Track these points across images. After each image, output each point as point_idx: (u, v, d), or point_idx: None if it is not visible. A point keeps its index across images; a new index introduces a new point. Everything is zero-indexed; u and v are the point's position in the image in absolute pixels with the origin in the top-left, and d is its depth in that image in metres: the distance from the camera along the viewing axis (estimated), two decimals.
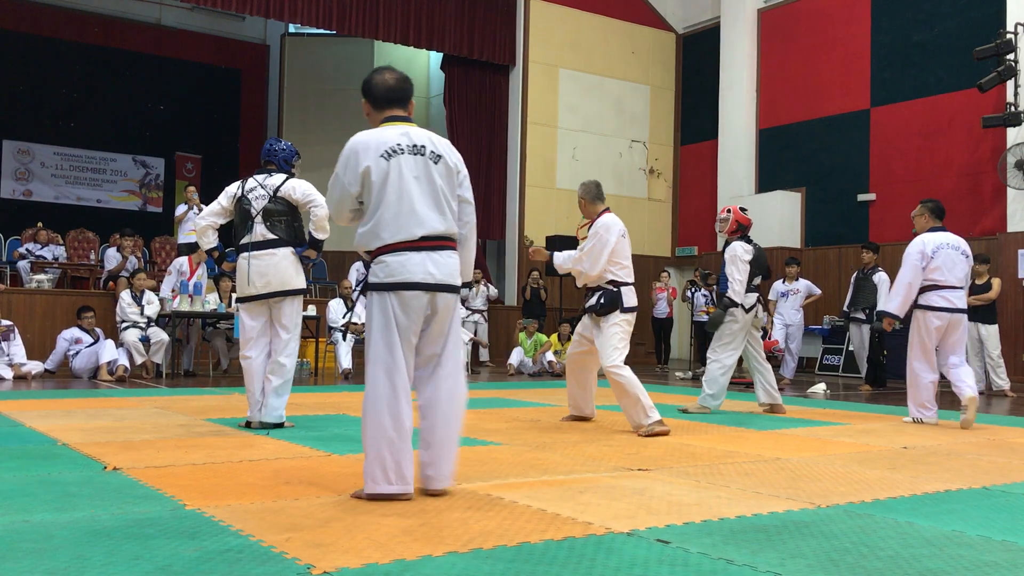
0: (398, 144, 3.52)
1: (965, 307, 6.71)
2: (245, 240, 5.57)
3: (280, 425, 5.56)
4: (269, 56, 19.57)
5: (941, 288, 6.59)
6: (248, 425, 5.57)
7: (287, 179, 5.66)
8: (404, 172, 3.48)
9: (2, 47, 16.61)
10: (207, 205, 5.92)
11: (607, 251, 5.89)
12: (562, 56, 16.35)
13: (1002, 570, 2.64)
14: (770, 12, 16.09)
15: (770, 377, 7.26)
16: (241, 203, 5.62)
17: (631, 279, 6.11)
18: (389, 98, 3.68)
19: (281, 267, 5.53)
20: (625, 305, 6.01)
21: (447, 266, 3.52)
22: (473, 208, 3.74)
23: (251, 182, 5.66)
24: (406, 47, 15.99)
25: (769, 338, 11.46)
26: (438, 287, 3.49)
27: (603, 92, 16.81)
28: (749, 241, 7.12)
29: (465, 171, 3.69)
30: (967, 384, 6.45)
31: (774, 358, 11.62)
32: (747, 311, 7.01)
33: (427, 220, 3.47)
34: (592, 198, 6.12)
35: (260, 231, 5.54)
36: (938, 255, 6.66)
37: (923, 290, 6.61)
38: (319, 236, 5.77)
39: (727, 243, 7.18)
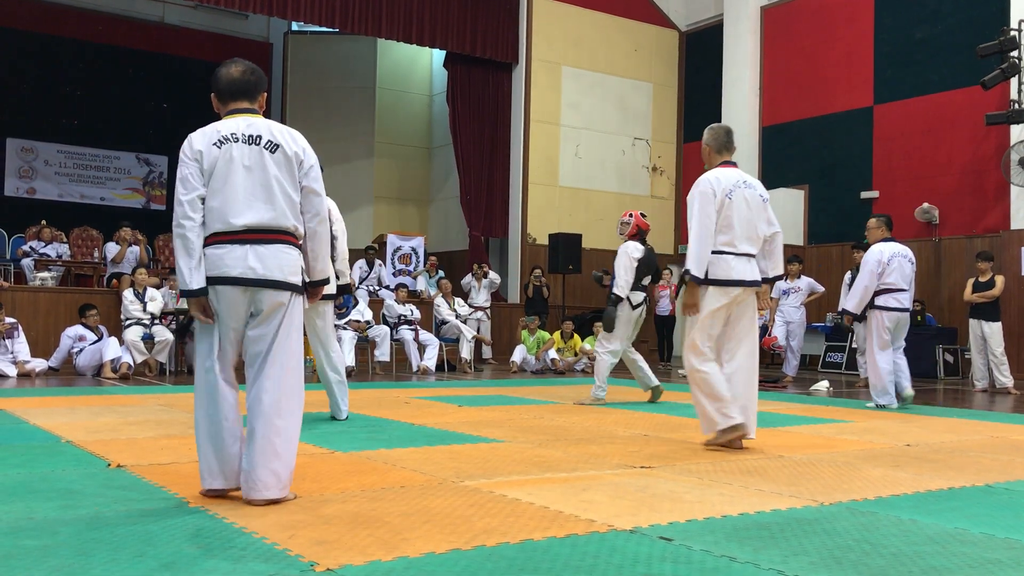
0: (232, 133, 3.36)
1: (910, 307, 7.91)
2: None
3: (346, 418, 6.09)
4: (272, 54, 19.56)
5: (893, 291, 7.71)
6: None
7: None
8: (234, 160, 3.32)
9: (5, 45, 16.62)
10: None
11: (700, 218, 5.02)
12: (565, 54, 16.34)
13: (1005, 568, 2.64)
14: (773, 9, 16.07)
15: (642, 363, 7.88)
16: None
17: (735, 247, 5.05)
18: (233, 91, 3.48)
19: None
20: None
21: (275, 260, 3.31)
22: (322, 200, 3.47)
23: None
24: (409, 45, 15.99)
25: (769, 334, 11.47)
26: (260, 283, 3.28)
27: (606, 90, 16.80)
28: (644, 243, 7.64)
29: (312, 161, 3.45)
30: (909, 381, 7.83)
31: (775, 355, 11.62)
32: (634, 307, 7.55)
33: (251, 210, 3.29)
34: (718, 147, 5.29)
35: None
36: (892, 262, 7.72)
37: (878, 293, 7.71)
38: (342, 282, 6.12)
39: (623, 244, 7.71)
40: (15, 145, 17.10)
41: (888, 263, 7.70)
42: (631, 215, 7.75)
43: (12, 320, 9.91)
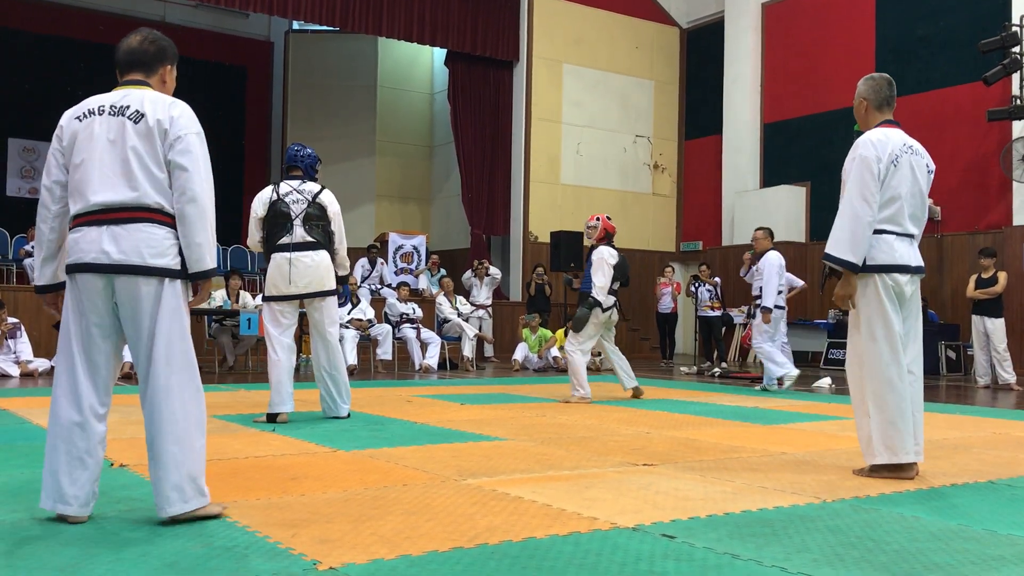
0: (100, 105, 3.01)
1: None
2: (285, 240, 5.78)
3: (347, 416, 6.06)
4: (273, 53, 19.58)
5: (781, 293, 9.10)
6: (270, 419, 5.69)
7: (323, 189, 5.95)
8: (95, 133, 2.96)
9: (6, 45, 16.64)
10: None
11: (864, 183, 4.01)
12: (566, 51, 16.33)
13: (1008, 564, 2.64)
14: (774, 6, 16.05)
15: (624, 363, 8.05)
16: (278, 206, 5.82)
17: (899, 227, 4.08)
18: (129, 61, 3.12)
19: (322, 268, 5.81)
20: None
21: (133, 240, 2.88)
22: (192, 176, 2.94)
23: (285, 187, 5.89)
24: (410, 43, 15.99)
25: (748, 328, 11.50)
26: (115, 268, 2.88)
27: (607, 87, 16.79)
28: (613, 247, 7.81)
29: (182, 132, 2.96)
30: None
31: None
32: (604, 311, 7.66)
33: (108, 188, 2.91)
34: (879, 101, 4.38)
35: (300, 233, 5.78)
36: (783, 268, 9.12)
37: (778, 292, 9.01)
38: (342, 273, 6.09)
39: (593, 248, 7.81)
40: (17, 145, 17.11)
41: (781, 267, 9.06)
42: (598, 219, 7.90)
43: (15, 320, 9.92)
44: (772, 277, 8.84)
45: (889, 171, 4.00)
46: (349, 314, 11.34)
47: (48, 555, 2.55)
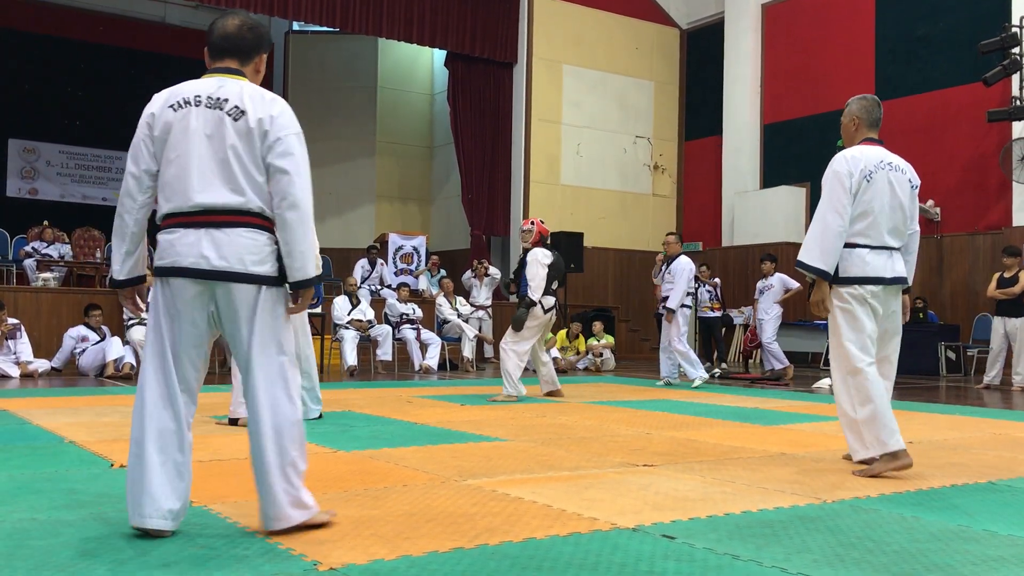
0: (196, 95, 2.83)
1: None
2: None
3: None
4: (273, 54, 19.59)
5: (689, 295, 9.99)
6: (233, 422, 5.61)
7: None
8: (191, 127, 2.79)
9: (7, 46, 16.64)
10: None
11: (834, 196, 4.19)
12: (566, 52, 16.33)
13: (1008, 565, 2.64)
14: (774, 7, 16.06)
15: (548, 368, 8.27)
16: None
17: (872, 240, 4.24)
18: (224, 47, 2.94)
19: None
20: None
21: (235, 246, 2.75)
22: (294, 180, 2.79)
23: None
24: (410, 44, 15.98)
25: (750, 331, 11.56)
26: (216, 275, 2.74)
27: (607, 88, 16.79)
28: (550, 249, 7.98)
29: (283, 134, 2.80)
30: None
31: (760, 347, 11.58)
32: (545, 311, 7.82)
33: (208, 188, 2.76)
34: (869, 121, 4.55)
35: None
36: (693, 272, 9.88)
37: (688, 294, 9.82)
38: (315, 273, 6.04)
39: (526, 251, 7.98)
40: (17, 146, 17.11)
41: (692, 272, 9.88)
42: (532, 223, 8.06)
43: (15, 321, 9.92)
44: (682, 281, 9.64)
45: (862, 186, 4.17)
46: (349, 315, 11.34)
47: (48, 555, 2.55)
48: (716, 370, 11.94)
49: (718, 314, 13.25)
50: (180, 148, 2.80)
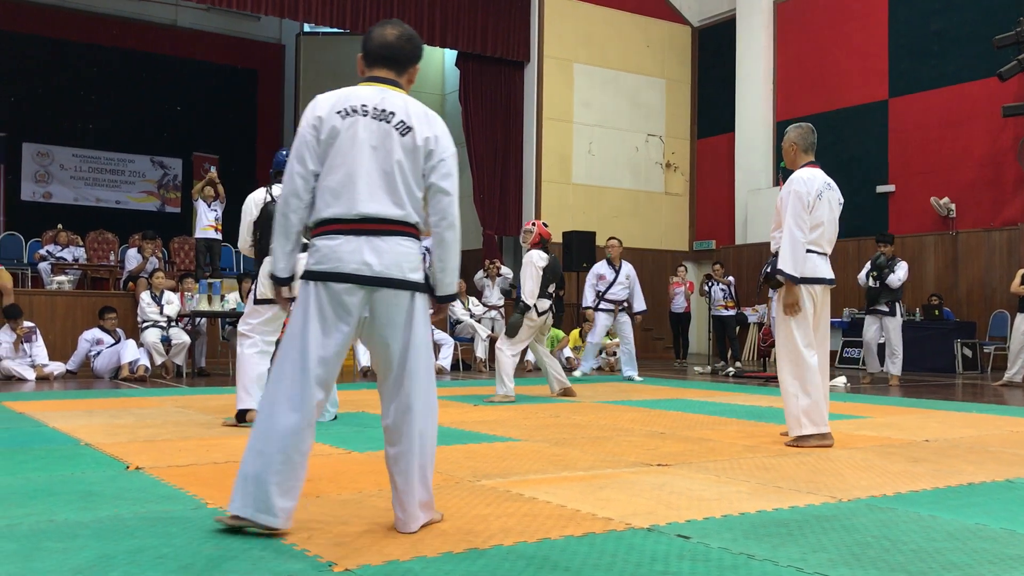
0: (363, 104, 2.89)
1: None
2: None
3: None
4: (285, 55, 19.64)
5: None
6: (242, 417, 5.59)
7: None
8: (359, 137, 2.86)
9: (20, 51, 16.75)
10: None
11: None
12: (576, 51, 16.32)
13: None
14: (786, 4, 15.99)
15: (557, 366, 8.25)
16: (271, 207, 5.72)
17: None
18: (382, 56, 2.99)
19: None
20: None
21: (394, 255, 2.85)
22: (452, 201, 2.95)
23: (278, 189, 5.81)
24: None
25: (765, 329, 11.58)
26: (376, 281, 2.82)
27: (618, 86, 16.77)
28: (547, 251, 7.97)
29: (445, 155, 2.93)
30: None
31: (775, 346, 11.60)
32: (540, 314, 7.79)
33: (373, 198, 2.84)
34: (805, 146, 5.38)
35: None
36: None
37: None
38: None
39: (525, 252, 8.00)
40: (31, 150, 17.23)
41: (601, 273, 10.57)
42: (533, 224, 8.05)
43: (30, 324, 9.98)
44: (590, 286, 10.51)
45: (815, 204, 5.04)
46: None
47: (65, 557, 2.56)
48: (730, 368, 11.91)
49: (732, 312, 13.23)
50: (346, 156, 2.86)
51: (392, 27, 3.04)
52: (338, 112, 2.88)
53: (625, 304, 10.46)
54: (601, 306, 10.43)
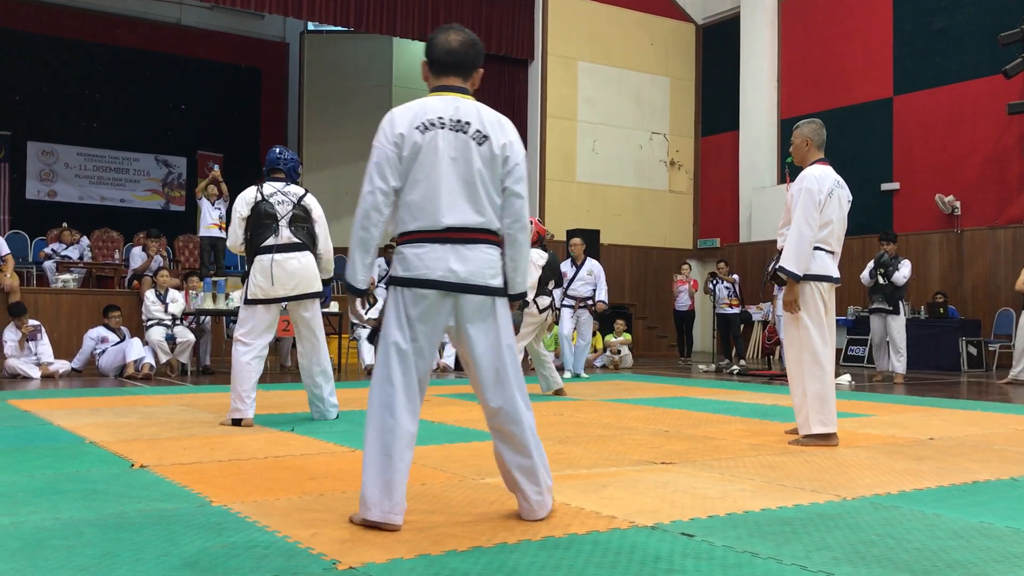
0: (440, 117, 2.98)
1: None
2: (270, 242, 5.68)
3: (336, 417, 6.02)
4: (289, 54, 19.65)
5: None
6: (237, 423, 5.57)
7: (306, 192, 5.92)
8: (440, 149, 2.96)
9: (24, 49, 16.78)
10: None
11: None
12: (580, 49, 16.31)
13: None
14: (790, 1, 15.97)
15: (550, 368, 8.19)
16: (262, 206, 5.72)
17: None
18: (448, 63, 3.09)
19: (309, 269, 5.74)
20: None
21: (477, 262, 2.96)
22: (525, 204, 3.11)
23: (269, 187, 5.82)
24: (424, 43, 15.99)
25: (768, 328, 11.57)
26: (462, 287, 2.94)
27: (622, 84, 16.76)
28: (545, 249, 8.07)
29: (519, 160, 3.09)
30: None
31: (779, 344, 11.56)
32: (541, 311, 7.90)
33: (455, 209, 2.95)
34: (819, 142, 5.16)
35: (287, 234, 5.71)
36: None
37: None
38: (326, 277, 6.01)
39: None
40: (36, 148, 17.26)
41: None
42: (531, 222, 7.96)
43: (35, 322, 10.00)
44: (604, 279, 10.78)
45: (826, 201, 4.94)
46: (366, 313, 11.36)
47: (70, 555, 2.57)
48: (734, 367, 11.90)
49: (736, 310, 13.21)
50: (429, 169, 2.96)
51: (455, 33, 3.13)
52: (417, 127, 2.97)
53: (589, 301, 10.60)
54: (565, 302, 10.52)
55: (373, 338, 11.25)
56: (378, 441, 2.91)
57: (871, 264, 10.56)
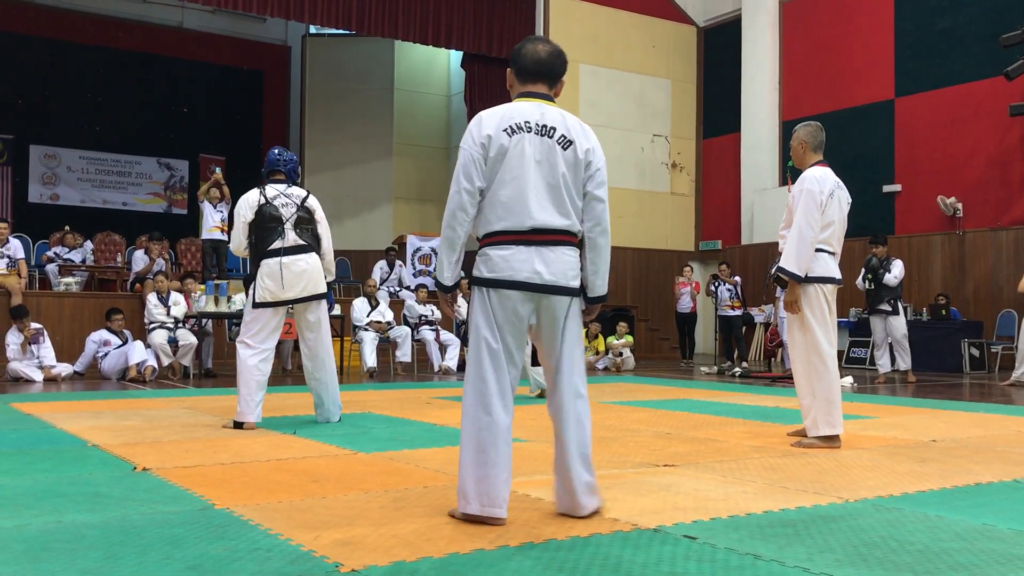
0: (526, 121, 3.08)
1: None
2: (277, 245, 5.67)
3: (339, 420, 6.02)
4: (291, 57, 19.67)
5: None
6: (239, 426, 5.57)
7: (308, 194, 5.93)
8: (526, 152, 3.04)
9: (27, 53, 16.81)
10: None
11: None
12: (582, 51, 16.31)
13: None
14: (791, 3, 15.97)
15: (538, 368, 7.88)
16: (267, 209, 5.70)
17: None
18: (536, 71, 3.21)
19: (315, 271, 5.75)
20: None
21: (560, 264, 3.06)
22: (605, 208, 3.19)
23: (272, 190, 5.80)
24: (426, 46, 16.02)
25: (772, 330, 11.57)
26: (546, 288, 3.04)
27: (624, 87, 16.76)
28: None
29: (600, 165, 3.17)
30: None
31: (781, 346, 11.57)
32: None
33: (540, 211, 3.03)
34: (815, 145, 5.24)
35: (292, 237, 5.70)
36: None
37: None
38: (329, 279, 6.00)
39: None
40: (38, 152, 17.28)
41: None
42: None
43: (38, 325, 10.01)
44: None
45: (827, 202, 4.97)
46: (368, 316, 11.37)
47: (73, 558, 2.57)
48: (736, 369, 11.89)
49: (738, 312, 13.21)
50: (516, 171, 3.04)
51: (542, 44, 3.26)
52: (504, 130, 3.06)
53: None
54: None
55: (464, 338, 11.29)
56: (473, 437, 3.01)
57: (863, 270, 10.62)
